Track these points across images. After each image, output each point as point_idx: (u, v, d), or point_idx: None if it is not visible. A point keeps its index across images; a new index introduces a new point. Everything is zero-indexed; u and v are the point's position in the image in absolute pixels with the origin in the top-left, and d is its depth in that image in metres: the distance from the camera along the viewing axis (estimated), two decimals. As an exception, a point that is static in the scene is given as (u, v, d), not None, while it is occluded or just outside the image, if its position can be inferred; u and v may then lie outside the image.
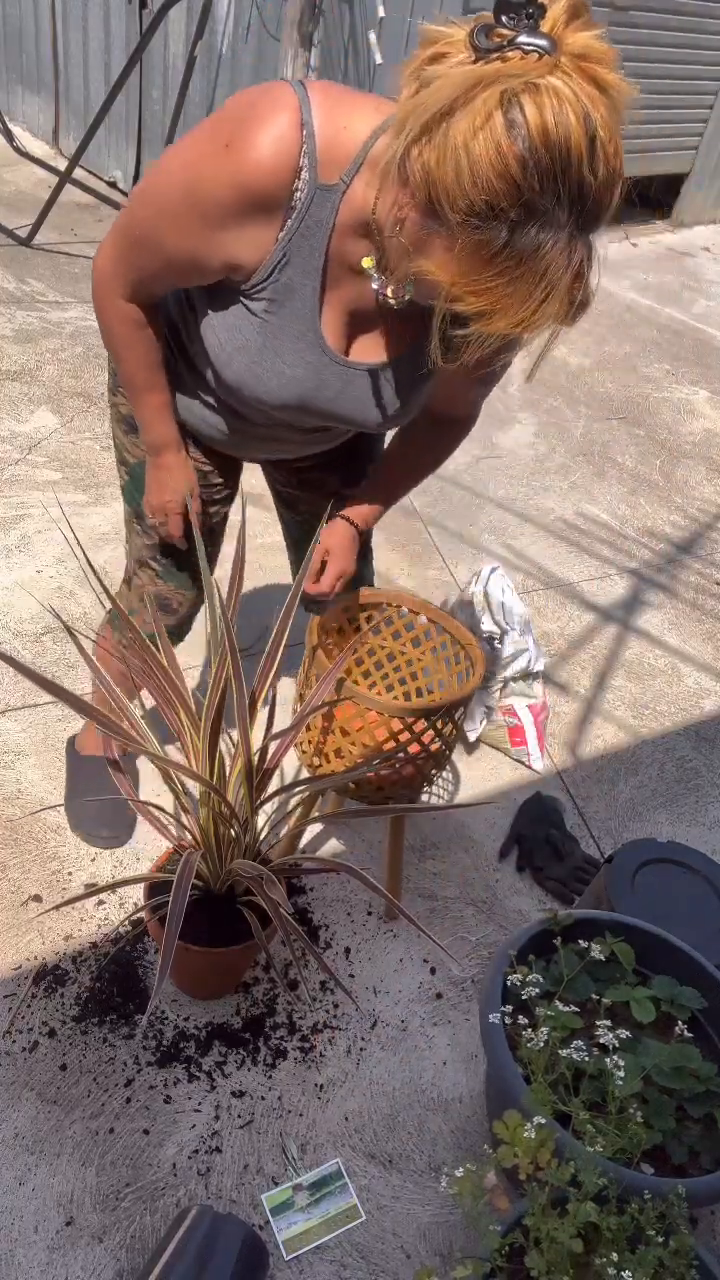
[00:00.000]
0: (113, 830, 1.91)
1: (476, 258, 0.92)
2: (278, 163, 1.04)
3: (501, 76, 0.83)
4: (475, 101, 0.84)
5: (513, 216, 0.88)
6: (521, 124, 0.83)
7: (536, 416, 3.78)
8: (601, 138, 0.86)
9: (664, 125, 5.79)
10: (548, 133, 0.83)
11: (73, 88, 5.15)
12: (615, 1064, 1.28)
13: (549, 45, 0.83)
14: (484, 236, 0.90)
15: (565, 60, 0.84)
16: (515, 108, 0.83)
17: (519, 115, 0.83)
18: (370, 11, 3.85)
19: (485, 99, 0.84)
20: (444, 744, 1.54)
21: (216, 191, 1.06)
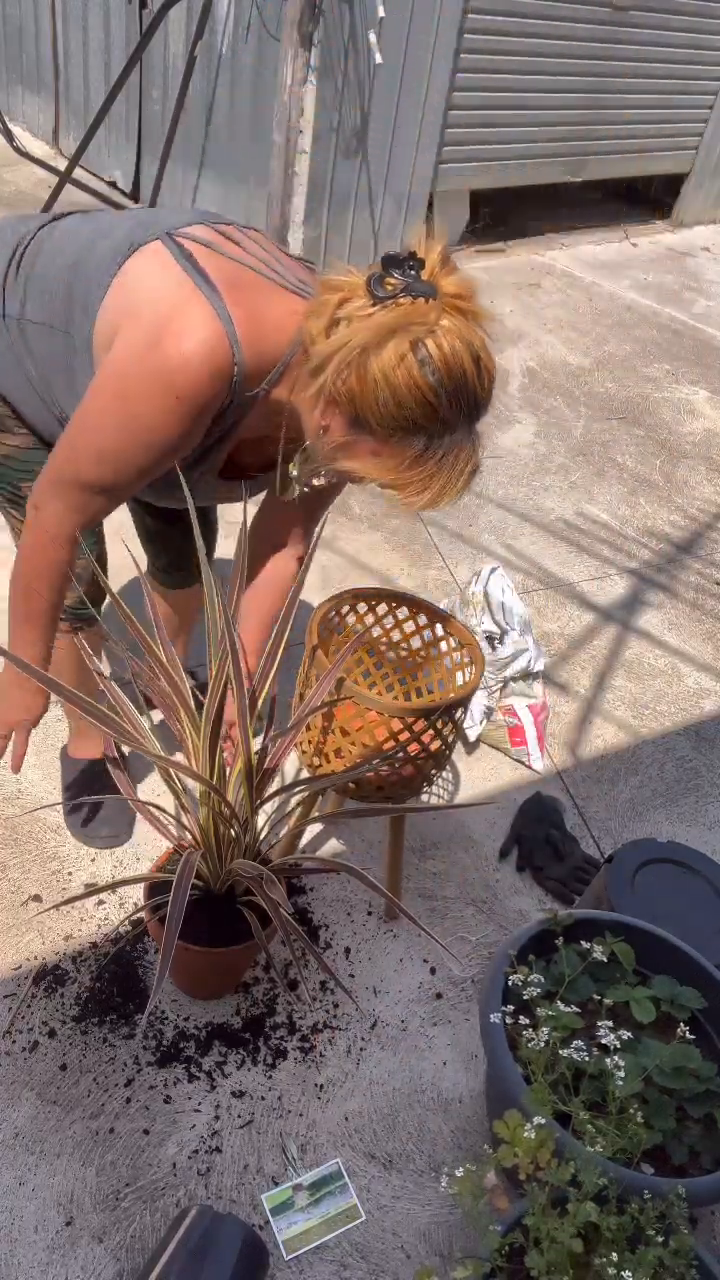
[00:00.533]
0: (113, 829, 1.91)
1: (400, 460, 1.15)
2: (216, 392, 1.20)
3: (406, 323, 1.06)
4: (389, 345, 1.07)
5: (428, 429, 1.12)
6: (429, 360, 1.07)
7: (536, 416, 3.78)
8: (481, 356, 1.11)
9: (664, 125, 5.79)
10: (448, 364, 1.08)
11: (73, 88, 5.15)
12: (615, 1064, 1.28)
13: (432, 290, 1.07)
14: (406, 445, 1.13)
15: (445, 300, 1.08)
16: (422, 348, 1.07)
17: (426, 354, 1.07)
18: (370, 11, 3.85)
19: (397, 342, 1.07)
20: (444, 744, 1.54)
21: (172, 435, 1.21)
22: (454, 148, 4.71)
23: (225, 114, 4.34)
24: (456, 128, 4.64)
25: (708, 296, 5.35)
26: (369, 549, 2.87)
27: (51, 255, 1.34)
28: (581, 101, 5.19)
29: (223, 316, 1.16)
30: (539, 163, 5.29)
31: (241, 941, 1.50)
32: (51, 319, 1.33)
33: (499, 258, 5.27)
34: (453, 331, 1.08)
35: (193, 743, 1.42)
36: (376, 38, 3.88)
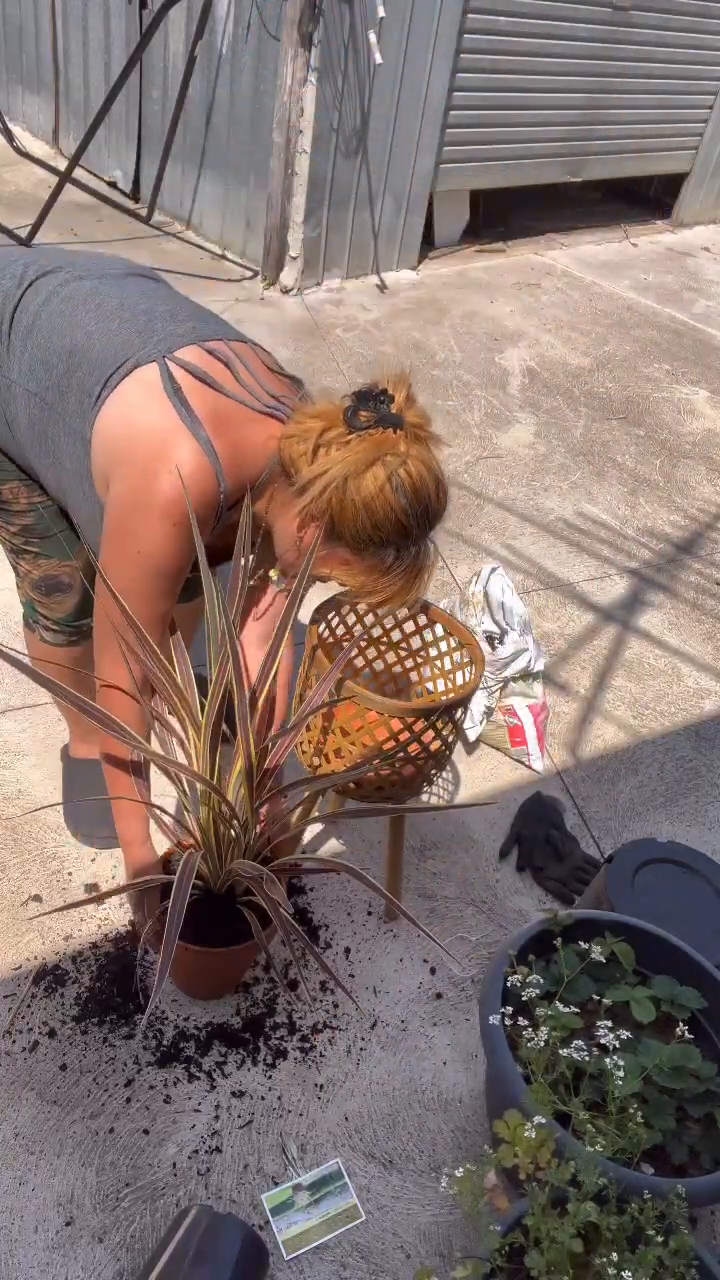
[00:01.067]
0: (113, 830, 1.90)
1: (374, 570, 1.33)
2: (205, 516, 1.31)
3: (381, 452, 1.23)
4: (367, 474, 1.23)
5: (397, 543, 1.29)
6: (401, 487, 1.24)
7: (536, 416, 3.78)
8: (440, 478, 1.29)
9: (664, 125, 5.80)
10: (417, 489, 1.26)
11: (73, 88, 5.15)
12: (615, 1064, 1.28)
13: (400, 421, 1.25)
14: (379, 556, 1.31)
15: (410, 429, 1.25)
16: (396, 477, 1.24)
17: (399, 482, 1.24)
18: (370, 11, 3.85)
19: (375, 472, 1.23)
20: (444, 744, 1.54)
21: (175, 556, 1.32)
22: (454, 148, 4.71)
23: (225, 114, 4.34)
24: (456, 128, 4.64)
25: (708, 296, 5.35)
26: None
27: (48, 332, 1.37)
28: (581, 101, 5.19)
29: (208, 450, 1.27)
30: (539, 163, 5.29)
31: (241, 941, 1.50)
32: (44, 393, 1.37)
33: (499, 258, 5.27)
34: (419, 459, 1.25)
35: (194, 744, 1.42)
36: (376, 38, 3.89)
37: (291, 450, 1.29)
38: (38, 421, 1.40)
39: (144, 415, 1.29)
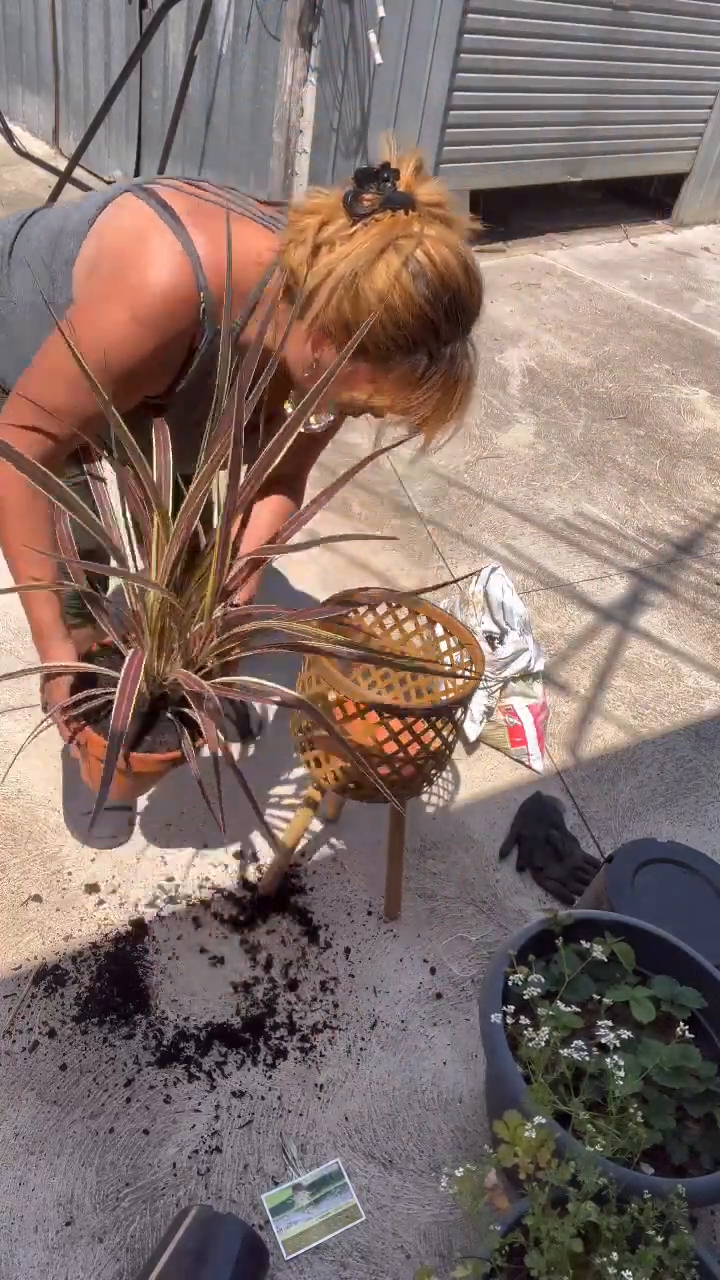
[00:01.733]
0: (114, 830, 1.91)
1: (405, 383, 1.15)
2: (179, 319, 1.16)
3: (392, 238, 1.06)
4: (379, 264, 1.06)
5: (427, 345, 1.12)
6: (421, 274, 1.06)
7: (536, 416, 3.78)
8: (469, 263, 1.10)
9: (664, 125, 5.80)
10: (442, 276, 1.07)
11: (73, 88, 5.15)
12: (615, 1064, 1.28)
13: (410, 201, 1.06)
14: (409, 365, 1.13)
15: (423, 209, 1.07)
16: (414, 262, 1.06)
17: (418, 268, 1.06)
18: (370, 11, 3.85)
19: (388, 260, 1.06)
20: (444, 744, 1.54)
21: (131, 361, 1.16)
22: (454, 148, 4.71)
23: (225, 114, 4.34)
24: (456, 128, 4.64)
25: (708, 296, 5.35)
26: (369, 549, 2.87)
27: (30, 237, 1.35)
28: (581, 101, 5.19)
29: (185, 242, 1.14)
30: (539, 163, 5.29)
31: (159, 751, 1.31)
32: (34, 295, 1.32)
33: (499, 258, 5.27)
34: (439, 240, 1.07)
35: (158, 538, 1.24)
36: (376, 38, 3.89)
37: (290, 258, 1.12)
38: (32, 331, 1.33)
39: (117, 222, 1.19)
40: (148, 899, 1.82)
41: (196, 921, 1.80)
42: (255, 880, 1.89)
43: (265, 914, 1.83)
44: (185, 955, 1.74)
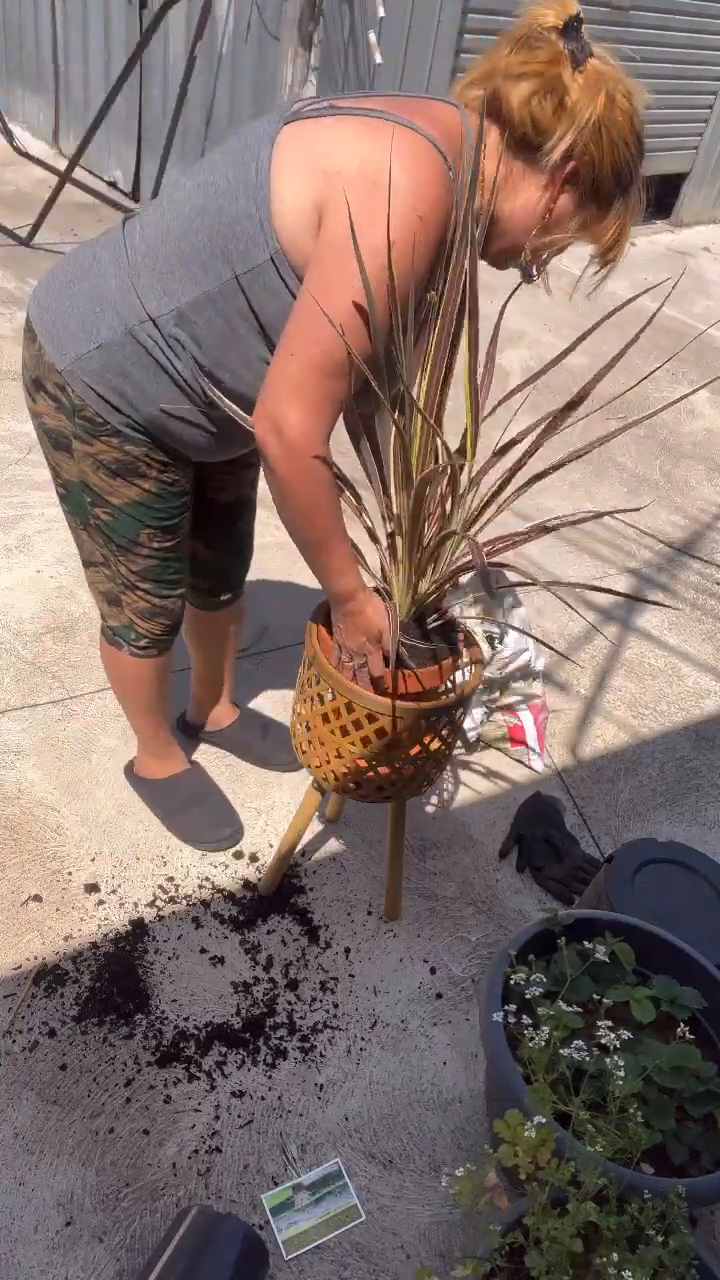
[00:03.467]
0: (231, 826, 1.96)
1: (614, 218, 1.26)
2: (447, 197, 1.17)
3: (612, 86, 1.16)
4: (615, 109, 1.16)
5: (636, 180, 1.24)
6: (637, 115, 1.18)
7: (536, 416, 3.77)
8: None
9: (664, 125, 5.79)
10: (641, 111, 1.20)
11: (73, 88, 5.15)
12: (615, 1064, 1.28)
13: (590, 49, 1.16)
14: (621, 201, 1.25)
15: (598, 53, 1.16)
16: (634, 104, 1.18)
17: (635, 109, 1.18)
18: (370, 11, 3.85)
19: (620, 105, 1.16)
20: (444, 744, 1.54)
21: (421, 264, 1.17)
22: (454, 148, 4.70)
23: (225, 114, 4.34)
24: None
25: (708, 296, 5.35)
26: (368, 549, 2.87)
27: (163, 230, 1.28)
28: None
29: (413, 127, 1.13)
30: (539, 163, 5.28)
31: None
32: (205, 284, 1.26)
33: (499, 258, 5.27)
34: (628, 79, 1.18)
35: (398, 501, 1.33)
36: (376, 38, 3.88)
37: (537, 110, 1.15)
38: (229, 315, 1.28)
39: (323, 139, 1.15)
40: (148, 899, 1.82)
41: (196, 921, 1.80)
42: (255, 880, 1.89)
43: (265, 914, 1.83)
44: (185, 955, 1.74)
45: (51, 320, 1.38)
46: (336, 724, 1.48)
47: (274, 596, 2.61)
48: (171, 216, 1.29)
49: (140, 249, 1.31)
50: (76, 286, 1.37)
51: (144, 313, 1.31)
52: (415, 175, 1.12)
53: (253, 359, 1.32)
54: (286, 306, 1.23)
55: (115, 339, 1.33)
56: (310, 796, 1.71)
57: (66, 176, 4.12)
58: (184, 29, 4.29)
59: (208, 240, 1.25)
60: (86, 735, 2.12)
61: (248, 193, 1.20)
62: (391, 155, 1.11)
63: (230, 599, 1.89)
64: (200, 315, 1.29)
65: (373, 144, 1.13)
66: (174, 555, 1.58)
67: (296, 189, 1.17)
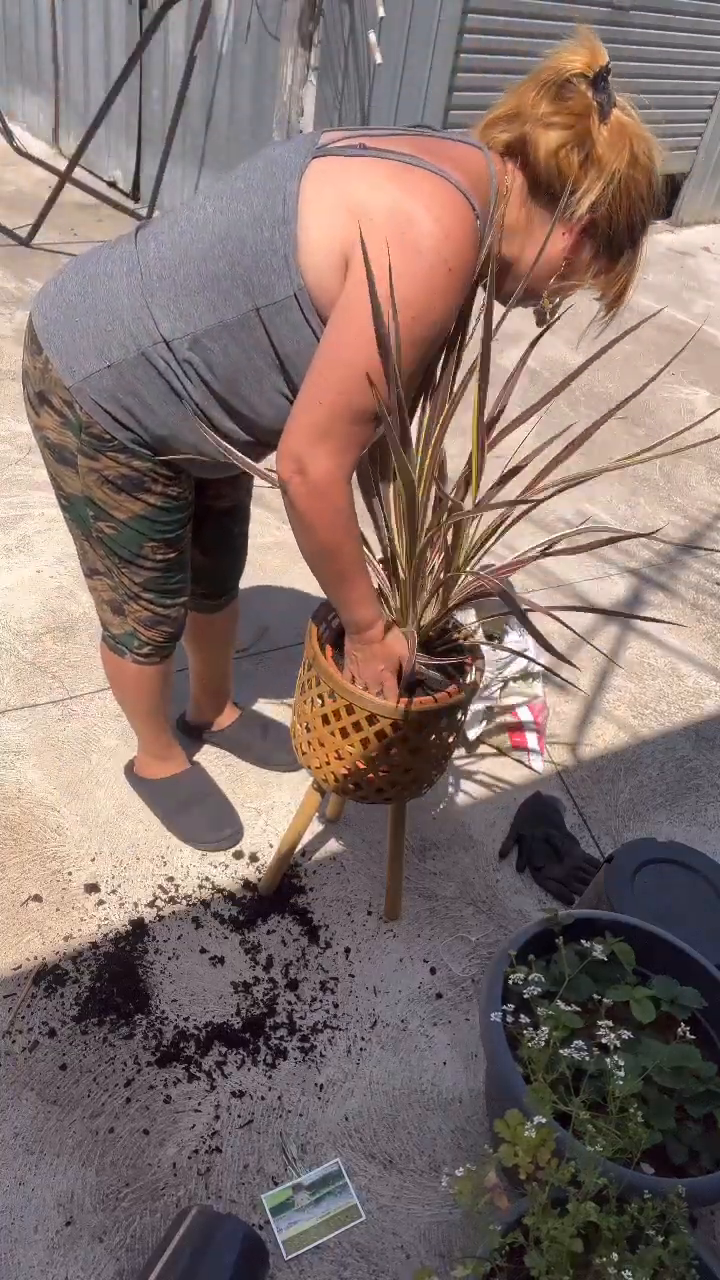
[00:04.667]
0: (231, 827, 1.96)
1: (623, 267, 1.28)
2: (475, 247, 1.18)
3: (636, 141, 1.18)
4: (638, 165, 1.18)
5: (646, 234, 1.25)
6: (656, 170, 1.20)
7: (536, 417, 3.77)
8: None
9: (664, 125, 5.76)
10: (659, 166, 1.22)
11: (73, 87, 5.15)
12: (615, 1064, 1.28)
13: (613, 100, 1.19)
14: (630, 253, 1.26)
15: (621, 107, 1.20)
16: (654, 161, 1.20)
17: (656, 165, 1.20)
18: (370, 11, 3.85)
19: (642, 161, 1.18)
20: (444, 745, 1.54)
21: (449, 313, 1.19)
22: (454, 148, 4.70)
23: (225, 114, 4.34)
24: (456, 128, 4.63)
25: (708, 296, 5.35)
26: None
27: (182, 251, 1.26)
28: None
29: (444, 175, 1.13)
30: (539, 163, 5.28)
31: None
32: (223, 313, 1.25)
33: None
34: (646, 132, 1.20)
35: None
36: (376, 38, 3.88)
37: (565, 162, 1.17)
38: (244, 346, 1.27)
39: (354, 181, 1.14)
40: (148, 899, 1.82)
41: (196, 921, 1.80)
42: (255, 880, 1.89)
43: (265, 914, 1.84)
44: (185, 955, 1.74)
45: (60, 335, 1.35)
46: (337, 725, 1.48)
47: (274, 596, 2.61)
48: (191, 238, 1.26)
49: (156, 268, 1.28)
50: (87, 301, 1.33)
51: (158, 334, 1.29)
52: (445, 225, 1.12)
53: (267, 389, 1.31)
54: (307, 342, 1.23)
55: (127, 359, 1.31)
56: (310, 797, 1.71)
57: (66, 176, 4.12)
58: (184, 29, 4.28)
59: (228, 268, 1.23)
60: (86, 735, 2.12)
61: (273, 225, 1.19)
62: (422, 204, 1.11)
63: (226, 601, 1.89)
64: (216, 343, 1.28)
65: (402, 191, 1.12)
66: (176, 566, 1.58)
67: (324, 230, 1.16)
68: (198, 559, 1.75)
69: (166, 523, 1.49)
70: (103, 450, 1.40)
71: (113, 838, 1.92)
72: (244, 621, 2.43)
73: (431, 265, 1.12)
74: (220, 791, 2.00)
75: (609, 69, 1.16)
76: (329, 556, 1.30)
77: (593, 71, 1.16)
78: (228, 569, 1.84)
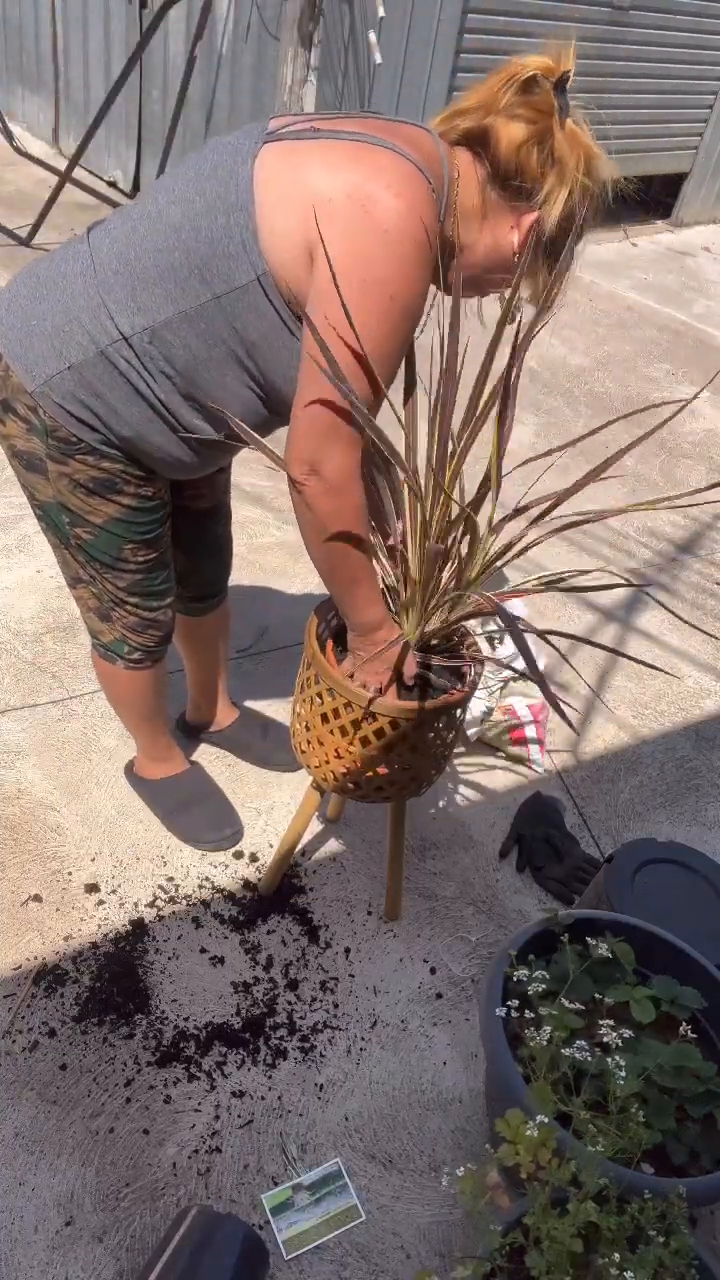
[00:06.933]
0: (231, 827, 1.95)
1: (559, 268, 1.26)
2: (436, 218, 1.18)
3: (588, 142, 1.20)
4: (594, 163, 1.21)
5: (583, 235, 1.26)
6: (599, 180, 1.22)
7: (536, 417, 3.78)
8: None
9: (664, 125, 5.80)
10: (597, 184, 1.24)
11: (73, 88, 5.15)
12: (616, 1064, 1.28)
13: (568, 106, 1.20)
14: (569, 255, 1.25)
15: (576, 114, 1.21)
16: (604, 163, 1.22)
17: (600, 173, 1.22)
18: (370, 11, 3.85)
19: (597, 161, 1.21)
20: (444, 744, 1.54)
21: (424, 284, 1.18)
22: (454, 148, 4.70)
23: (225, 114, 4.34)
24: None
25: (708, 296, 5.35)
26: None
27: (137, 245, 1.25)
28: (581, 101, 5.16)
29: (397, 150, 1.13)
30: (539, 163, 5.28)
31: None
32: (180, 304, 1.24)
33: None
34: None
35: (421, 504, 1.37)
36: (376, 38, 3.89)
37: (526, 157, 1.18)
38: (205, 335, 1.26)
39: (308, 164, 1.14)
40: (148, 899, 1.82)
41: (196, 921, 1.80)
42: (255, 880, 1.89)
43: (265, 914, 1.84)
44: (185, 955, 1.74)
45: (17, 340, 1.32)
46: (336, 724, 1.48)
47: (274, 596, 2.60)
48: (144, 232, 1.25)
49: (110, 264, 1.27)
50: (43, 304, 1.31)
51: (116, 332, 1.27)
52: (408, 200, 1.12)
53: (230, 381, 1.31)
54: (273, 326, 1.23)
55: (87, 359, 1.29)
56: (310, 796, 1.71)
57: (66, 176, 4.12)
58: (184, 29, 4.29)
59: (184, 259, 1.22)
60: (86, 735, 2.12)
61: (228, 211, 1.18)
62: (382, 183, 1.11)
63: (214, 603, 1.88)
64: (175, 335, 1.27)
65: (360, 171, 1.12)
66: (158, 567, 1.56)
67: (285, 218, 1.15)
68: (181, 561, 1.73)
69: (143, 524, 1.48)
70: (70, 454, 1.38)
71: (113, 838, 1.92)
72: (244, 622, 2.43)
73: (400, 241, 1.12)
74: (220, 791, 2.00)
75: (569, 76, 1.18)
76: (343, 557, 1.30)
77: (555, 75, 1.17)
78: (212, 570, 1.83)
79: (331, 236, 1.12)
